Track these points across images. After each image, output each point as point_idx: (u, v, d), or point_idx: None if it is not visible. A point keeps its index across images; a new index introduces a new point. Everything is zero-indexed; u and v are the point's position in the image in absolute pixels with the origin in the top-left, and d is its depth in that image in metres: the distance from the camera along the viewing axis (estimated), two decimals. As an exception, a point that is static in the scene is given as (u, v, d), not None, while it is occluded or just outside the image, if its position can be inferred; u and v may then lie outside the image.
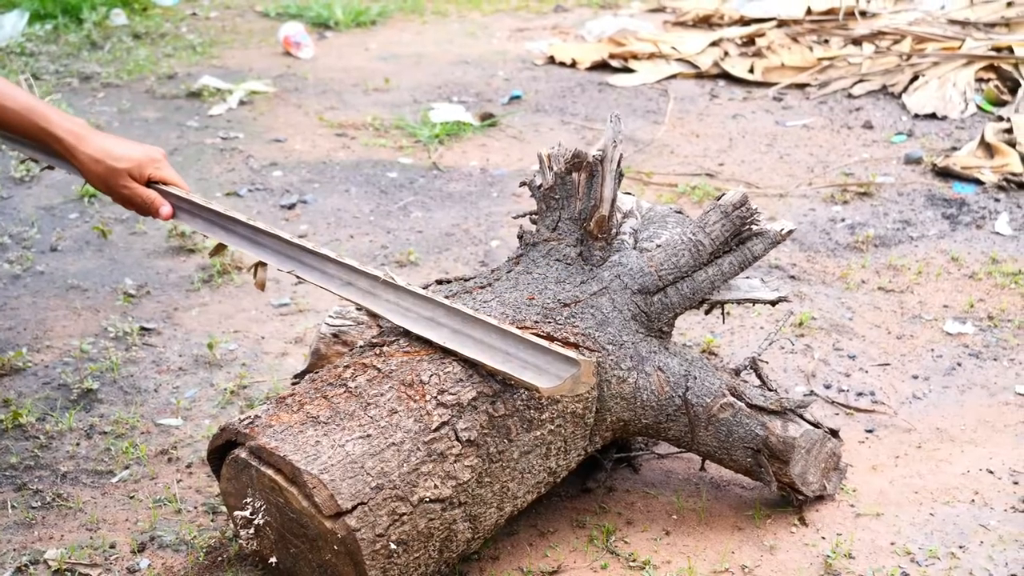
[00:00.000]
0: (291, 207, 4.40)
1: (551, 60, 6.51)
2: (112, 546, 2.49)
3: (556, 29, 7.30)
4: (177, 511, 2.62)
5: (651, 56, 6.38)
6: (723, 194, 2.62)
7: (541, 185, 2.64)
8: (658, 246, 2.60)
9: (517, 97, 5.79)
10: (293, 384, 2.79)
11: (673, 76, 6.14)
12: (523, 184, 2.73)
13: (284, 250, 2.57)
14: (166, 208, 2.62)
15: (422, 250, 4.00)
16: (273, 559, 2.23)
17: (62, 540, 2.51)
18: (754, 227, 2.60)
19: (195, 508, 2.63)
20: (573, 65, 6.40)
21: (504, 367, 2.26)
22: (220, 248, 2.67)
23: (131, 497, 2.67)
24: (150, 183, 2.63)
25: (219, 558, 2.43)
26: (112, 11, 7.16)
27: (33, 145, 2.84)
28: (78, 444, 2.87)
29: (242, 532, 2.22)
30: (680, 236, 2.59)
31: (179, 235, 4.01)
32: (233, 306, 3.60)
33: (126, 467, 2.79)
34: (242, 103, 5.64)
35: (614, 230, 2.60)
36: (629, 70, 6.25)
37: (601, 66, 6.35)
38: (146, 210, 2.63)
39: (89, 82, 5.89)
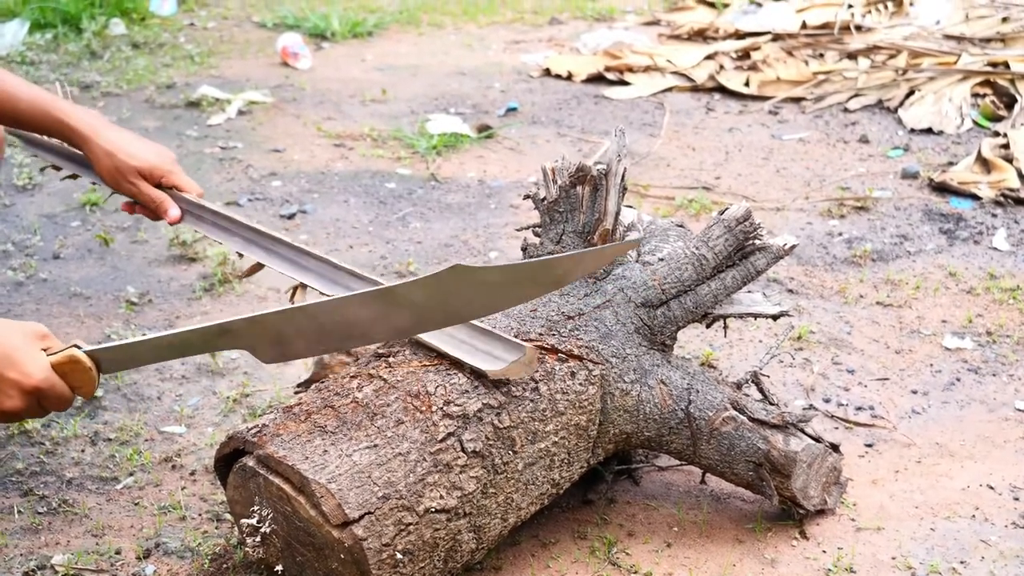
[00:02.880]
0: (291, 217, 4.41)
1: (547, 72, 6.52)
2: (118, 552, 2.50)
3: (552, 41, 7.31)
4: (182, 518, 2.63)
5: (647, 69, 6.41)
6: (726, 208, 2.64)
7: (545, 198, 2.66)
8: (661, 260, 2.62)
9: (513, 109, 5.81)
10: (296, 393, 2.80)
11: (669, 89, 6.16)
12: (527, 197, 2.75)
13: (329, 273, 2.52)
14: (175, 211, 2.61)
15: (421, 260, 4.02)
16: (279, 567, 2.24)
17: (68, 546, 2.53)
18: (757, 242, 2.62)
19: (199, 515, 2.64)
20: (569, 77, 6.41)
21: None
22: (256, 268, 2.61)
23: (136, 503, 2.69)
24: (162, 188, 2.62)
25: (224, 565, 2.44)
26: (111, 21, 7.16)
27: (54, 146, 2.85)
28: (83, 450, 2.88)
29: (248, 540, 2.23)
30: (683, 250, 2.61)
31: (180, 244, 4.02)
32: (234, 315, 3.58)
33: (131, 474, 2.80)
34: (241, 113, 5.65)
35: (618, 243, 2.63)
36: (625, 83, 6.26)
37: (597, 79, 6.36)
38: (153, 211, 2.63)
39: (89, 91, 5.90)
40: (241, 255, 2.60)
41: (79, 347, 2.07)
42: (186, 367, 3.29)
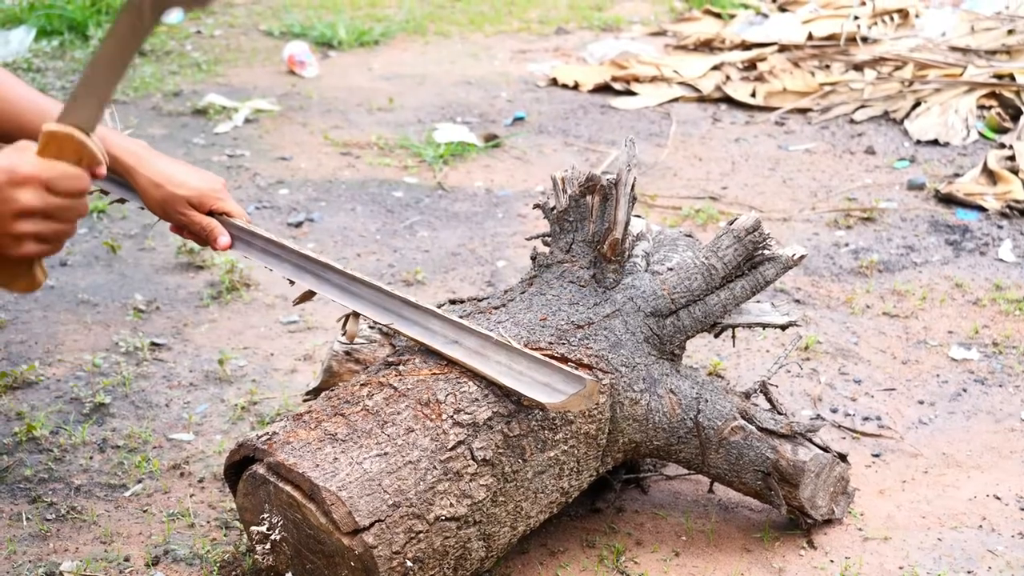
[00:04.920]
0: (298, 225, 4.42)
1: (553, 82, 6.55)
2: (126, 559, 2.51)
3: (558, 51, 7.33)
4: (190, 525, 2.63)
5: (653, 79, 6.42)
6: (735, 218, 2.64)
7: (555, 207, 2.66)
8: (670, 269, 2.63)
9: (520, 118, 5.82)
10: (305, 401, 2.81)
11: (675, 99, 6.18)
12: (536, 206, 2.75)
13: (382, 301, 2.48)
14: (224, 238, 2.54)
15: (429, 269, 4.03)
16: (288, 575, 2.24)
17: (77, 552, 2.53)
18: (766, 252, 2.62)
19: (208, 523, 2.64)
20: (575, 87, 6.43)
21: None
22: (308, 296, 2.56)
23: (144, 511, 2.69)
24: (211, 214, 2.59)
25: (233, 572, 2.45)
26: (117, 28, 7.18)
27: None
28: (91, 457, 2.89)
29: (258, 547, 2.23)
30: (692, 260, 2.62)
31: (188, 251, 4.02)
32: (242, 322, 3.62)
33: (139, 481, 2.80)
34: (247, 121, 5.66)
35: (627, 253, 2.62)
36: (631, 93, 6.28)
37: (603, 88, 6.39)
38: (203, 239, 2.60)
39: (95, 98, 5.91)
40: (292, 282, 2.57)
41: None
42: (194, 375, 3.30)
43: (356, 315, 2.49)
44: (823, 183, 4.93)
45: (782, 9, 7.89)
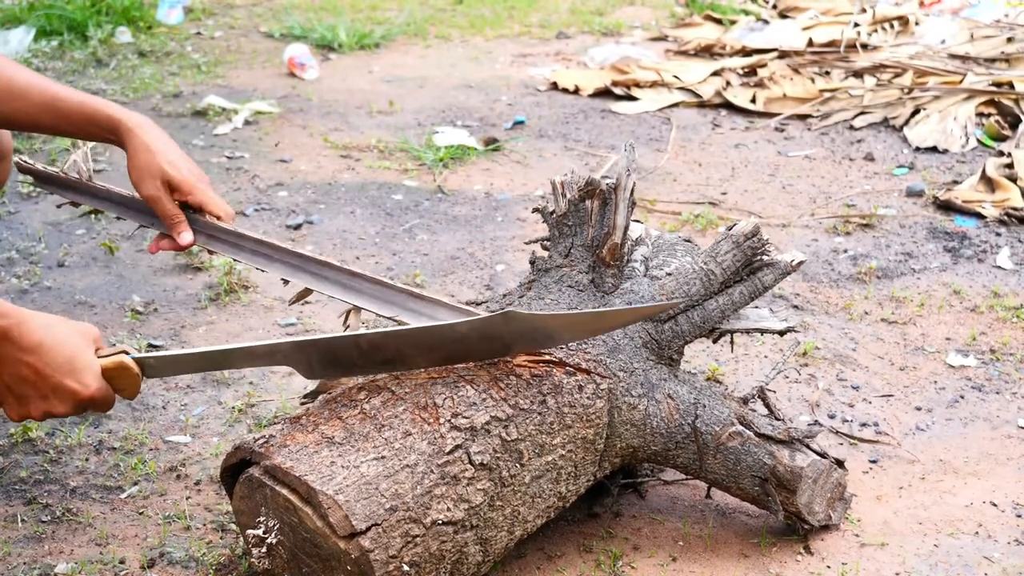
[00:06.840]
0: (297, 227, 4.41)
1: (554, 86, 6.54)
2: (122, 561, 2.50)
3: (559, 55, 7.33)
4: (186, 528, 2.63)
5: (654, 84, 6.42)
6: (734, 224, 2.64)
7: (554, 212, 2.66)
8: (669, 274, 2.63)
9: (520, 122, 5.82)
10: (303, 403, 2.80)
11: (675, 104, 6.17)
12: (536, 210, 2.75)
13: (384, 295, 2.48)
14: (187, 236, 2.57)
15: (428, 273, 4.02)
16: (284, 578, 2.24)
17: (72, 555, 2.52)
18: (765, 257, 2.62)
19: (204, 525, 2.64)
20: (576, 91, 6.43)
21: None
22: (304, 294, 2.56)
23: (140, 513, 2.68)
24: (185, 208, 2.59)
25: (229, 575, 2.45)
26: (118, 29, 7.18)
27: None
28: (87, 459, 2.88)
29: (254, 550, 2.23)
30: (691, 265, 2.61)
31: (186, 253, 4.02)
32: (240, 324, 3.61)
33: (135, 483, 2.80)
34: (247, 123, 5.66)
35: (626, 257, 2.63)
36: (632, 98, 6.28)
37: (604, 93, 6.38)
38: (168, 226, 2.60)
39: (95, 99, 5.91)
40: (286, 282, 2.58)
41: (127, 353, 2.12)
42: (191, 376, 3.29)
43: (358, 310, 2.49)
44: (822, 189, 4.93)
45: (782, 15, 7.90)
